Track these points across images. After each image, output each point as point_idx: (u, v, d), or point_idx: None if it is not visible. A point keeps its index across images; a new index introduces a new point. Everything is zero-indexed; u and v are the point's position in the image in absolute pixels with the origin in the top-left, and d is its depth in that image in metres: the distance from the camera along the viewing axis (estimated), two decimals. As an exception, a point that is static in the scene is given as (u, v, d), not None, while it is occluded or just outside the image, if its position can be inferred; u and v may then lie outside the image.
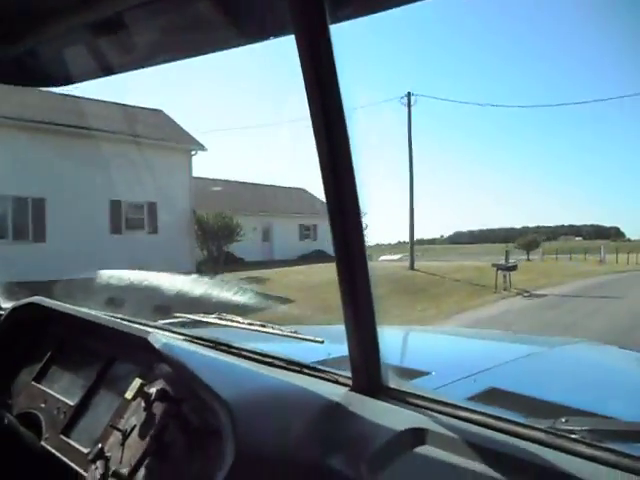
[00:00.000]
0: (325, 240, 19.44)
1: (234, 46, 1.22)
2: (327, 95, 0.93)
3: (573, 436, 0.86)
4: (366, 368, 1.08)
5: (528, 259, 26.52)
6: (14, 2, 1.13)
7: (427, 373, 1.43)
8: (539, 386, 1.45)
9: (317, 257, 18.97)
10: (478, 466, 0.85)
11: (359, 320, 1.04)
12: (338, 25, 0.93)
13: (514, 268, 14.39)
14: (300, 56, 0.92)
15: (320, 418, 1.04)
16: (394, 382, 1.10)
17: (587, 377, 1.71)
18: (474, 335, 2.98)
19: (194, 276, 2.58)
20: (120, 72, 1.45)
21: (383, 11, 0.97)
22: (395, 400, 1.06)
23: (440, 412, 0.99)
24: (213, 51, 1.24)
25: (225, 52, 1.24)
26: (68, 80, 1.56)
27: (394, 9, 0.95)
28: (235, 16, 1.09)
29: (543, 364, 1.80)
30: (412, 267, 17.63)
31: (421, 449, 0.92)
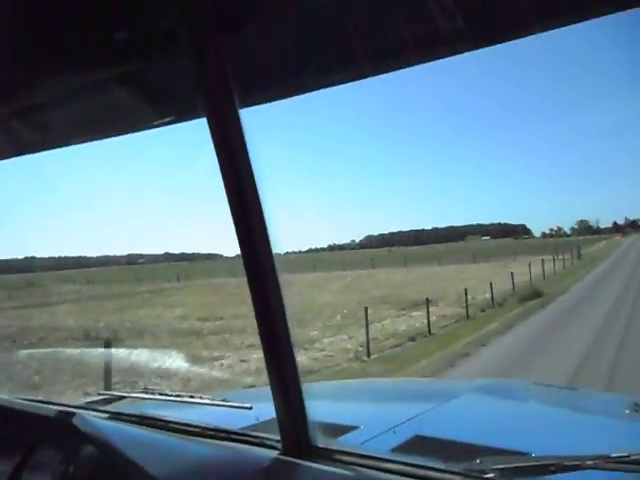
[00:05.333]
0: None
1: (149, 128, 1.35)
2: (239, 170, 1.00)
3: (486, 476, 0.91)
4: (294, 430, 1.09)
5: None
6: None
7: (355, 427, 1.44)
8: (460, 429, 1.49)
9: None
10: None
11: (284, 382, 1.07)
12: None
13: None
14: (212, 137, 1.01)
15: None
16: (323, 441, 1.11)
17: (504, 416, 1.83)
18: (399, 385, 3.02)
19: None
20: (42, 150, 1.57)
21: (286, 98, 1.14)
22: (324, 460, 1.07)
23: (366, 466, 1.02)
24: (132, 132, 1.37)
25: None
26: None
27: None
28: (151, 100, 1.25)
29: (464, 407, 1.85)
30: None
31: None
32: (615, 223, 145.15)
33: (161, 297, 23.54)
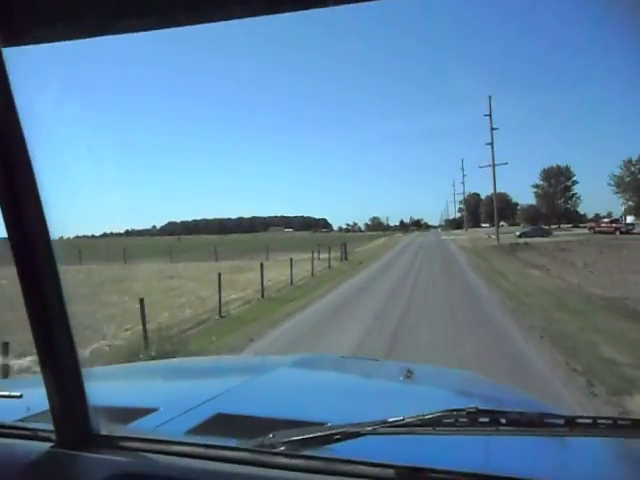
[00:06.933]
0: None
1: None
2: (3, 127, 0.88)
3: (275, 450, 0.93)
4: (70, 418, 1.01)
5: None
6: None
7: (153, 410, 1.34)
8: (263, 405, 1.49)
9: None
10: None
11: (58, 364, 0.98)
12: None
13: None
14: None
15: None
16: (108, 428, 1.04)
17: (307, 389, 1.81)
18: (208, 363, 2.93)
19: None
20: None
21: (59, 41, 0.97)
22: (106, 448, 1.00)
23: (154, 451, 0.97)
24: None
25: None
26: None
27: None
28: None
29: (270, 383, 1.84)
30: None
31: None
32: (402, 221, 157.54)
33: None
